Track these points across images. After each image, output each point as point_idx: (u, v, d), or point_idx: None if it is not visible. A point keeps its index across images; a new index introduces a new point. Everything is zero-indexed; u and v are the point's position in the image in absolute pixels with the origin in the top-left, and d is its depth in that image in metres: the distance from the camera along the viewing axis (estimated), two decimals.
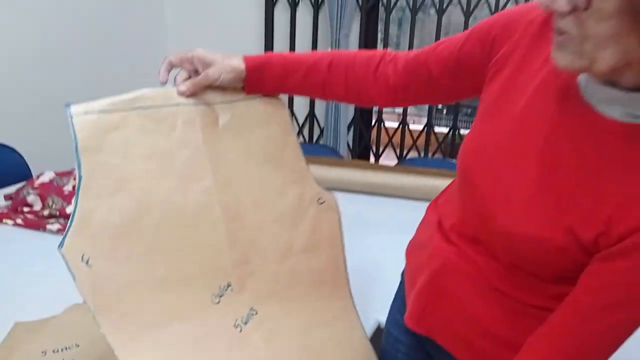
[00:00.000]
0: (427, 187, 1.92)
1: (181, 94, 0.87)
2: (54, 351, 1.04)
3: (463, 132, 3.01)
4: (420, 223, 0.95)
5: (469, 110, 3.22)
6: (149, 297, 0.80)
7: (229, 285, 0.89)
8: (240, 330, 0.87)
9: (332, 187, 1.93)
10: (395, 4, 2.76)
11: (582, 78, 0.64)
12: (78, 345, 1.06)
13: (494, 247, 0.74)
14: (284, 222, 0.94)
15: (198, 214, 0.86)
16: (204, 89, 0.89)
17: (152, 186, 0.83)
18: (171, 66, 0.90)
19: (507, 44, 0.73)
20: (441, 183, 1.87)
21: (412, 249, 0.94)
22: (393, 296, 1.04)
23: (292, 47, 2.91)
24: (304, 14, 2.89)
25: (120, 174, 0.81)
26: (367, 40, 2.86)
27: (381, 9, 2.82)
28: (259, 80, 0.91)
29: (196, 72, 0.89)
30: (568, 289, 0.66)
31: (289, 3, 2.87)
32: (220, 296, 0.88)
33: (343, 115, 2.87)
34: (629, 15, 0.52)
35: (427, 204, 0.95)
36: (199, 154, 0.89)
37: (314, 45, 2.90)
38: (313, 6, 2.85)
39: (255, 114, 0.94)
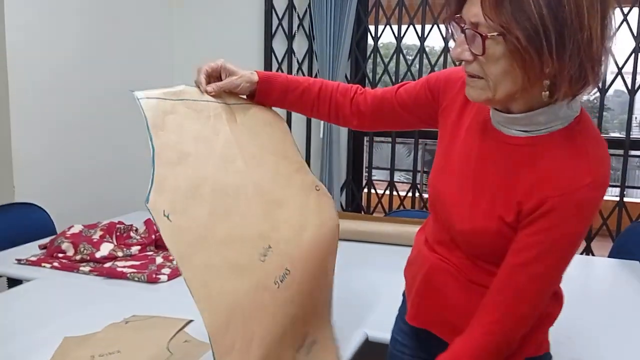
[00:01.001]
0: (408, 233, 2.17)
1: (208, 93, 1.09)
2: (100, 355, 1.25)
3: None
4: (413, 246, 1.19)
5: None
6: (214, 252, 0.91)
7: (270, 247, 1.01)
8: (278, 287, 0.98)
9: None
10: (379, 79, 3.12)
11: (491, 114, 0.94)
12: (119, 351, 1.27)
13: (460, 245, 1.00)
14: (296, 201, 1.14)
15: (237, 189, 1.01)
16: (223, 92, 1.12)
17: (202, 163, 0.97)
18: (207, 73, 1.12)
19: (448, 96, 1.05)
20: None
21: (408, 267, 1.18)
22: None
23: (289, 117, 3.23)
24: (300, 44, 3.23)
25: (180, 149, 0.95)
26: None
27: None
28: (267, 91, 1.17)
29: (217, 79, 1.13)
30: None
31: (286, 36, 3.21)
32: (265, 255, 0.99)
33: (336, 178, 3.14)
34: (511, 57, 0.79)
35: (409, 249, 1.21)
36: (229, 142, 1.06)
37: (308, 118, 3.22)
38: (308, 38, 3.19)
39: (261, 116, 1.20)
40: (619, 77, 2.68)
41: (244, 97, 1.20)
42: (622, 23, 2.62)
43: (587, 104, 3.30)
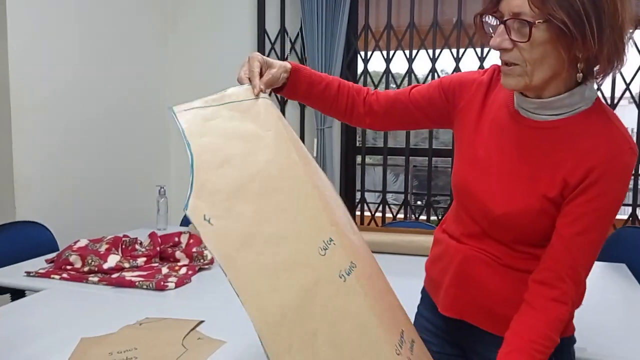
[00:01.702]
0: (404, 242, 2.26)
1: (262, 91, 1.07)
2: (118, 352, 1.30)
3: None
4: (433, 245, 1.26)
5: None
6: (263, 249, 0.89)
7: (331, 240, 0.98)
8: (345, 280, 0.96)
9: None
10: None
11: (520, 103, 1.04)
12: (136, 349, 1.32)
13: (499, 232, 1.07)
14: (338, 199, 1.14)
15: (293, 182, 1.00)
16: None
17: (251, 160, 0.97)
18: (258, 72, 1.10)
19: (465, 97, 1.14)
20: (418, 238, 2.22)
21: (432, 263, 1.24)
22: None
23: None
24: (293, 109, 3.35)
25: (223, 152, 0.95)
26: (348, 130, 3.30)
27: None
28: (296, 82, 1.18)
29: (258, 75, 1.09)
30: None
31: (279, 102, 3.33)
32: (325, 249, 0.96)
33: None
34: (556, 41, 0.91)
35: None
36: (282, 136, 1.04)
37: (302, 136, 3.33)
38: (299, 104, 3.31)
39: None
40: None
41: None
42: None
43: None
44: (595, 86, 1.00)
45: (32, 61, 2.57)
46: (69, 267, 1.91)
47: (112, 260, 1.93)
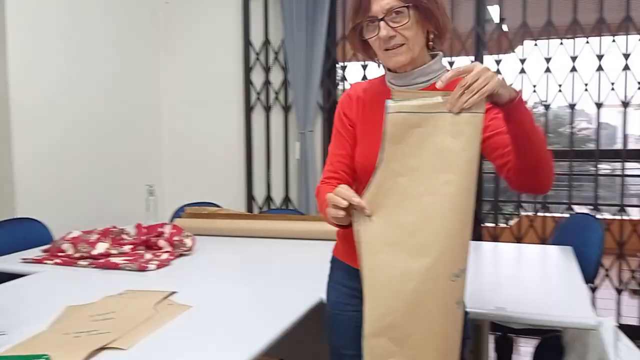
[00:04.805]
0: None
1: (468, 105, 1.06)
2: (98, 315, 1.49)
3: None
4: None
5: None
6: (400, 256, 1.01)
7: (464, 270, 1.07)
8: (459, 307, 1.10)
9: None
10: None
11: (393, 80, 1.32)
12: (114, 312, 1.51)
13: None
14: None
15: (459, 208, 1.04)
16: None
17: (429, 176, 1.02)
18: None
19: (351, 113, 1.40)
20: None
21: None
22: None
23: (268, 142, 3.55)
24: (277, 115, 3.57)
25: (408, 162, 1.02)
26: (330, 134, 3.50)
27: None
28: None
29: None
30: None
31: (264, 108, 3.55)
32: (457, 276, 1.04)
33: (312, 195, 3.42)
34: (418, 22, 1.23)
35: None
36: (474, 159, 1.05)
37: (286, 140, 3.54)
38: (283, 109, 3.53)
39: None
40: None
41: None
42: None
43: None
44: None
45: (31, 66, 2.79)
46: (61, 254, 2.12)
47: (101, 247, 2.13)
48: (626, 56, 2.92)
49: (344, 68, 3.45)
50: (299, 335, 1.48)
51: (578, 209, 3.15)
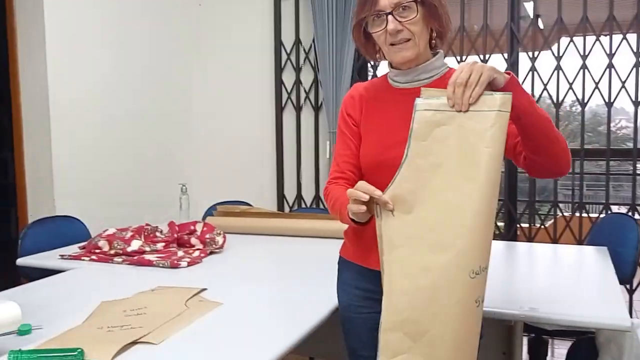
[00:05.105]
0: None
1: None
2: (131, 310, 1.53)
3: None
4: None
5: None
6: (421, 251, 1.01)
7: (485, 268, 1.06)
8: (478, 306, 1.08)
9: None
10: None
11: (395, 77, 1.36)
12: (146, 307, 1.55)
13: None
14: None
15: (476, 203, 1.03)
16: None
17: (453, 172, 1.03)
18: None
19: (355, 112, 1.41)
20: None
21: (354, 230, 1.39)
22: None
23: (298, 141, 3.57)
24: (307, 115, 3.58)
25: (432, 159, 1.03)
26: None
27: None
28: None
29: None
30: None
31: (295, 107, 3.57)
32: (477, 274, 1.04)
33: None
34: (423, 19, 1.25)
35: None
36: (498, 156, 1.04)
37: (316, 140, 3.55)
38: (314, 109, 3.55)
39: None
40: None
41: None
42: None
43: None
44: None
45: (69, 67, 2.89)
46: (97, 251, 2.17)
47: (135, 244, 2.18)
48: None
49: (375, 67, 3.43)
50: (329, 334, 1.49)
51: (616, 209, 3.07)
